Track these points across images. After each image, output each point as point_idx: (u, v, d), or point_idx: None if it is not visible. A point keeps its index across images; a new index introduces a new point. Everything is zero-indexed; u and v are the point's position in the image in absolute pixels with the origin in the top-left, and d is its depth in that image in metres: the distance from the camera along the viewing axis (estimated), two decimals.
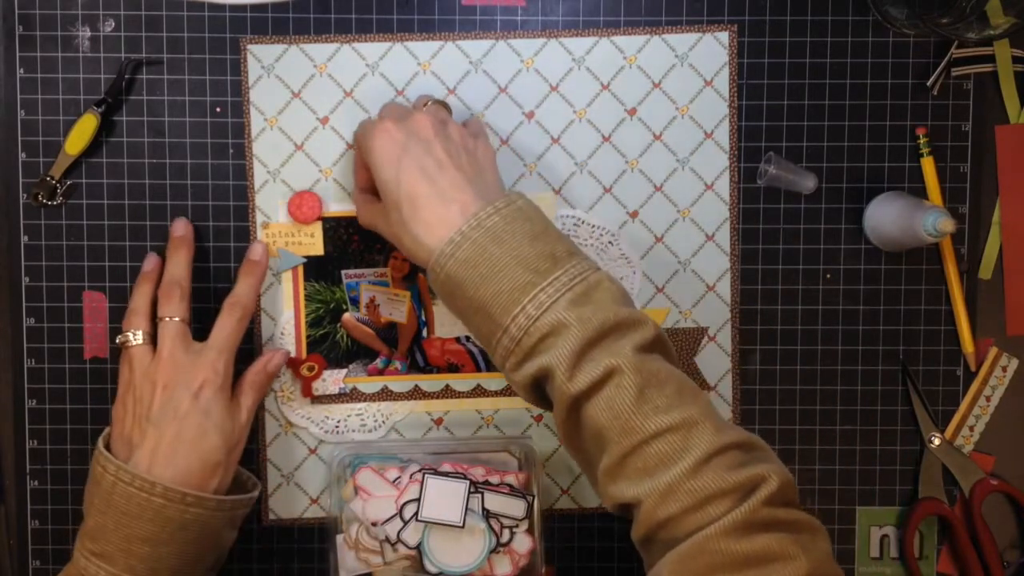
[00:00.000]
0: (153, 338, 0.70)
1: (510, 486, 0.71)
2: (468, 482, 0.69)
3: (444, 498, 0.69)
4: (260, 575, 0.78)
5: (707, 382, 0.77)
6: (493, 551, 0.70)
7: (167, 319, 0.70)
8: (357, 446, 0.75)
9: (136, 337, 0.70)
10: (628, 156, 0.77)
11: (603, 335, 0.58)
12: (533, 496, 0.72)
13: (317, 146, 0.76)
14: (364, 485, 0.71)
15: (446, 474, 0.70)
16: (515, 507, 0.71)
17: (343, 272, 0.76)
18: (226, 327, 0.71)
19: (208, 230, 0.76)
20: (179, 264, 0.72)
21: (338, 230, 0.76)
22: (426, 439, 0.77)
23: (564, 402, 0.59)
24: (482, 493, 0.70)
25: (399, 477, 0.71)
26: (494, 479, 0.71)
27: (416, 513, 0.69)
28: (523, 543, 0.71)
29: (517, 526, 0.71)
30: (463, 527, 0.69)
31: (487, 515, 0.70)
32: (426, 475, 0.69)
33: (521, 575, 0.71)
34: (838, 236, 0.77)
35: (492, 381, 0.77)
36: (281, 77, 0.76)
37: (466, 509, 0.69)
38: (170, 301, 0.71)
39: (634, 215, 0.77)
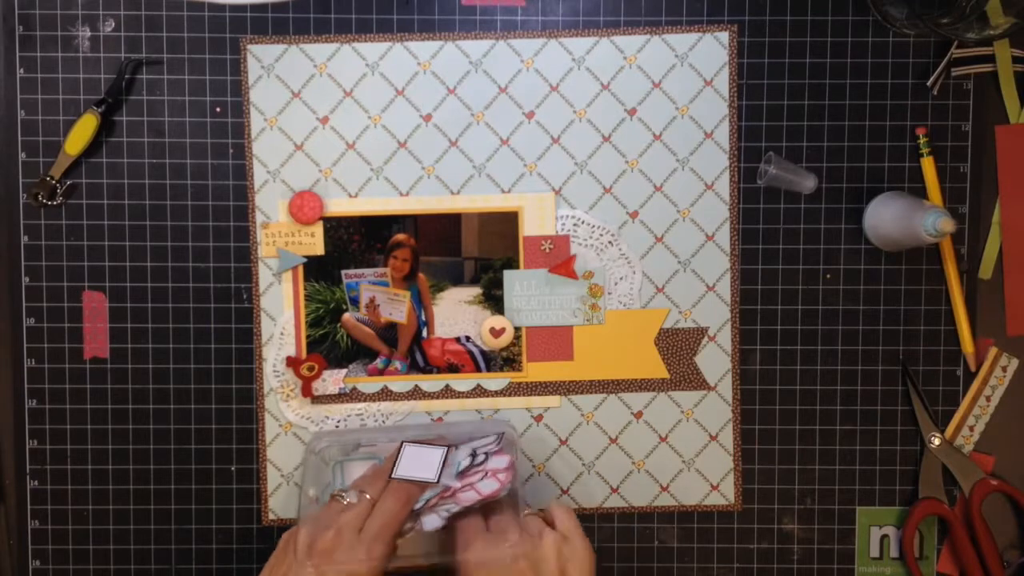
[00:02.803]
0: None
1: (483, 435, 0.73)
2: (445, 448, 0.69)
3: (420, 460, 0.69)
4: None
5: (707, 382, 0.77)
6: (467, 469, 0.70)
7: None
8: (334, 437, 0.75)
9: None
10: (628, 156, 0.77)
11: None
12: (502, 433, 0.72)
13: (317, 146, 0.76)
14: None
15: (424, 442, 0.70)
16: (487, 439, 0.72)
17: (343, 272, 0.76)
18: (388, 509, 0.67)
19: (208, 230, 0.76)
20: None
21: (338, 230, 0.76)
22: (406, 426, 0.77)
23: None
24: (457, 446, 0.71)
25: None
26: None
27: (390, 474, 0.69)
28: (500, 461, 0.70)
29: (491, 447, 0.71)
30: (438, 483, 0.68)
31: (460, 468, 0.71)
32: (404, 444, 0.69)
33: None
34: (838, 236, 0.77)
35: (492, 381, 0.77)
36: (281, 77, 0.76)
37: (442, 470, 0.68)
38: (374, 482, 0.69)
39: (634, 215, 0.77)
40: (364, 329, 0.77)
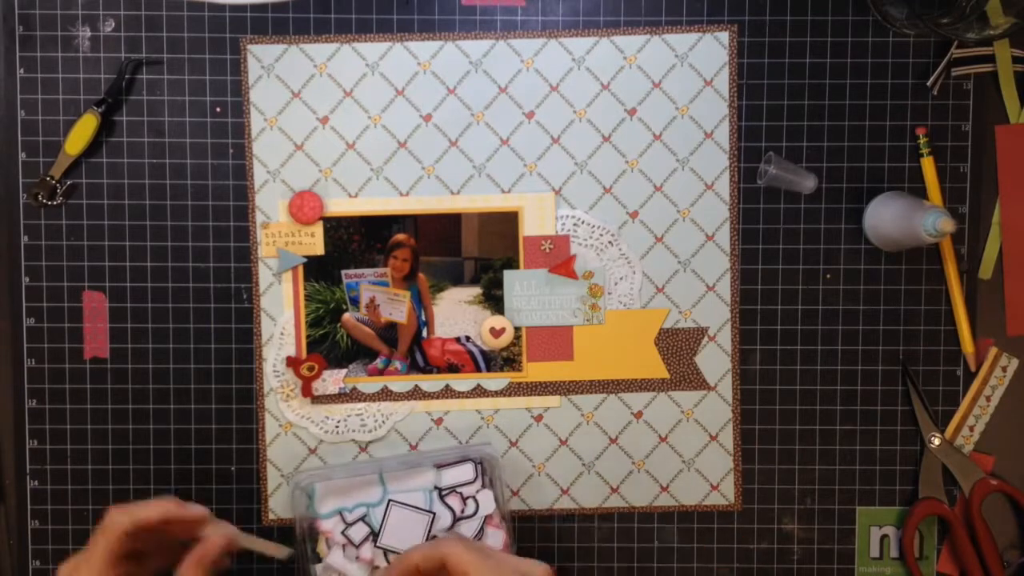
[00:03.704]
0: None
1: (460, 460, 0.74)
2: (431, 515, 0.70)
3: (404, 526, 0.70)
4: (260, 575, 0.78)
5: (707, 382, 0.77)
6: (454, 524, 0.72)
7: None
8: (312, 475, 0.74)
9: None
10: (628, 156, 0.77)
11: None
12: (479, 460, 0.73)
13: (317, 146, 0.76)
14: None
15: (411, 506, 0.71)
16: (464, 472, 0.73)
17: (343, 272, 0.76)
18: None
19: (208, 230, 0.76)
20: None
21: (338, 230, 0.76)
22: (384, 458, 0.76)
23: None
24: (440, 472, 0.73)
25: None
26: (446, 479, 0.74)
27: (376, 538, 0.71)
28: (496, 538, 0.72)
29: (470, 484, 0.72)
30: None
31: (442, 495, 0.72)
32: (391, 504, 0.70)
33: None
34: (838, 236, 0.77)
35: (492, 381, 0.77)
36: (281, 77, 0.76)
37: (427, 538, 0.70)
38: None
39: (634, 215, 0.77)
40: (364, 329, 0.77)
